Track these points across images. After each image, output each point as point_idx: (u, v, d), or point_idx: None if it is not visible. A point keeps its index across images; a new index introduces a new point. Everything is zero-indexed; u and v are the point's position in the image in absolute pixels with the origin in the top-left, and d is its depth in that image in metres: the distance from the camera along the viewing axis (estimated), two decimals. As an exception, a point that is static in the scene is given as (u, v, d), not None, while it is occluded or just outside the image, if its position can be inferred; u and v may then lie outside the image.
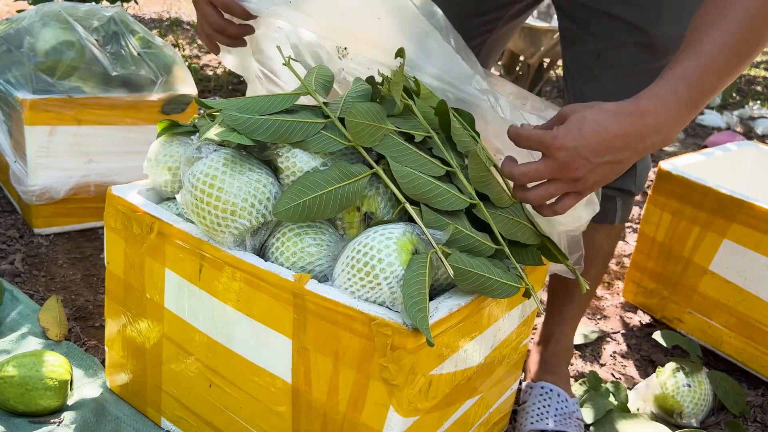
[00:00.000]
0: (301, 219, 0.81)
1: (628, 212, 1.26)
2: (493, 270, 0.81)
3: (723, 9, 0.78)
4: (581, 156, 0.73)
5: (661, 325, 1.66)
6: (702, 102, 0.78)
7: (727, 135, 3.55)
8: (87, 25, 1.71)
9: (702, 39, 0.77)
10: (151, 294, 0.98)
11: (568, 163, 0.73)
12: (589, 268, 1.24)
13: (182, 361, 0.98)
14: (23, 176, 1.64)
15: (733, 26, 0.77)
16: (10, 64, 1.63)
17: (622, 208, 1.23)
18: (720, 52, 0.76)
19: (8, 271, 1.51)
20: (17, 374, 1.03)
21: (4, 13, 4.69)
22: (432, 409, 0.83)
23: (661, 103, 0.75)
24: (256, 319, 0.86)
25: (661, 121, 0.75)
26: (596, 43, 1.08)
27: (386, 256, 0.77)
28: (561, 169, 0.74)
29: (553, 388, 1.24)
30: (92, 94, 1.65)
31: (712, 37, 0.77)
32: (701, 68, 0.76)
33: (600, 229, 1.23)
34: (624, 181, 1.18)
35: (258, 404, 0.90)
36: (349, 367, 0.79)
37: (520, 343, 1.06)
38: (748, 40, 0.77)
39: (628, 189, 1.20)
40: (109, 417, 1.07)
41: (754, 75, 7.12)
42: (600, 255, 1.26)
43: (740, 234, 1.45)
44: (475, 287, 0.80)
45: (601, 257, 1.27)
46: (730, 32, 0.77)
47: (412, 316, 0.72)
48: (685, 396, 1.29)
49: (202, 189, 0.83)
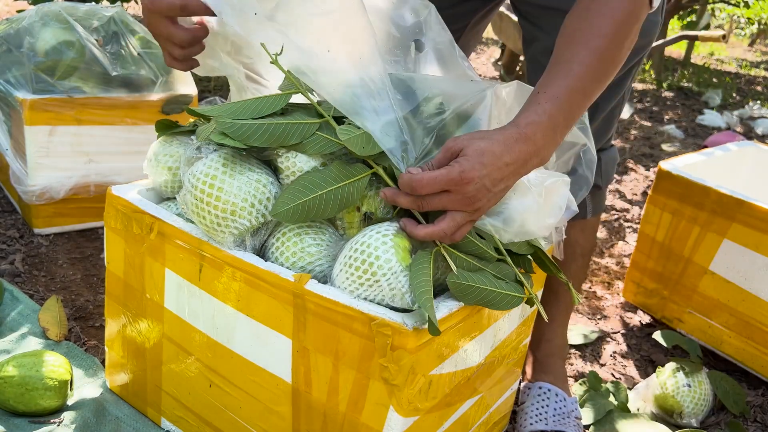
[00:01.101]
0: (301, 219, 0.81)
1: (600, 204, 1.27)
2: (495, 282, 0.80)
3: (589, 26, 0.81)
4: (485, 187, 0.75)
5: (661, 325, 1.66)
6: (572, 122, 0.81)
7: (727, 135, 3.55)
8: (87, 25, 1.71)
9: (571, 59, 0.80)
10: (151, 294, 0.98)
11: (475, 196, 0.75)
12: (570, 265, 1.26)
13: (182, 361, 0.98)
14: (23, 176, 1.64)
15: (600, 44, 0.80)
16: (10, 64, 1.63)
17: (592, 202, 1.25)
18: (587, 73, 0.80)
19: (8, 271, 1.51)
20: (17, 374, 1.03)
21: (4, 13, 4.69)
22: (432, 409, 0.83)
23: (539, 128, 0.78)
24: (256, 319, 0.86)
25: (539, 145, 0.78)
26: (548, 39, 1.09)
27: (383, 253, 0.77)
28: (468, 202, 0.75)
29: (551, 388, 1.24)
30: (92, 94, 1.65)
31: (581, 57, 0.80)
32: (571, 89, 0.79)
33: (574, 225, 1.24)
34: None
35: (258, 404, 0.90)
36: (349, 367, 0.79)
37: (520, 343, 1.06)
38: (611, 57, 0.81)
39: (595, 183, 1.21)
40: (109, 417, 1.07)
41: (754, 75, 7.12)
42: (578, 251, 1.27)
43: (740, 234, 1.45)
44: (478, 301, 0.79)
45: (580, 253, 1.28)
46: (597, 51, 0.80)
47: (422, 303, 0.73)
48: (685, 396, 1.29)
49: (202, 189, 0.83)
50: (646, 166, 3.20)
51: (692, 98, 5.20)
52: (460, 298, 0.79)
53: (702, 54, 9.32)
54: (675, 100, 5.08)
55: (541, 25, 1.12)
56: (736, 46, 12.16)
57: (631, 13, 0.82)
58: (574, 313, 1.72)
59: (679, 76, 6.28)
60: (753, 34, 12.72)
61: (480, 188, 0.75)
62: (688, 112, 4.67)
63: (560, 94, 0.79)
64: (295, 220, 0.82)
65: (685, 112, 4.66)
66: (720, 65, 8.20)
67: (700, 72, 6.71)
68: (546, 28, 1.11)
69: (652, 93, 5.23)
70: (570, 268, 1.27)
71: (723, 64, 8.37)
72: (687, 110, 4.72)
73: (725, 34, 3.65)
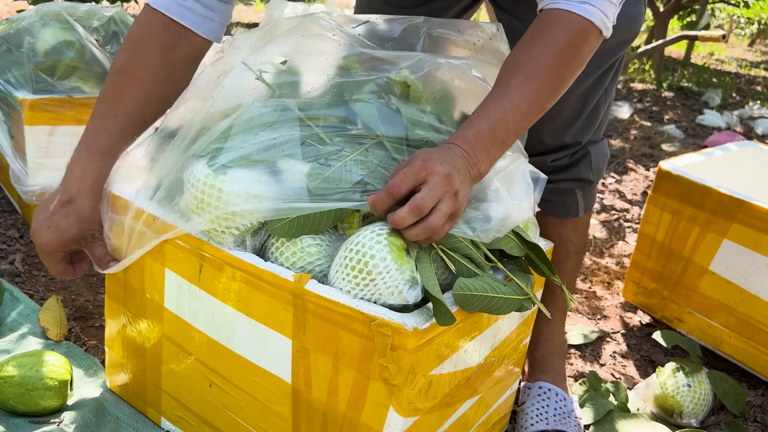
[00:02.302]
0: (296, 235, 0.83)
1: (591, 201, 1.28)
2: (497, 287, 0.80)
3: (528, 54, 0.86)
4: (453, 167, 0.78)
5: (661, 325, 1.66)
6: (509, 140, 0.85)
7: (727, 135, 3.55)
8: (87, 25, 1.71)
9: (509, 82, 0.85)
10: (151, 294, 0.98)
11: (449, 175, 0.77)
12: (564, 263, 1.26)
13: (182, 361, 0.98)
14: (23, 176, 1.64)
15: (538, 71, 0.85)
16: (10, 64, 1.63)
17: (583, 199, 1.25)
18: (523, 96, 0.84)
19: (8, 271, 1.51)
20: (17, 374, 1.03)
21: (4, 13, 4.69)
22: (432, 409, 0.83)
23: (465, 141, 0.82)
24: (256, 319, 0.86)
25: (469, 156, 0.81)
26: None
27: (378, 252, 0.77)
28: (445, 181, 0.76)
29: (551, 388, 1.24)
30: (92, 94, 1.65)
31: (517, 81, 0.84)
32: (505, 110, 0.83)
33: (566, 224, 1.25)
34: (580, 170, 1.21)
35: (258, 404, 0.90)
36: (349, 367, 0.79)
37: (520, 343, 1.06)
38: (550, 84, 0.86)
39: (586, 178, 1.22)
40: (109, 417, 1.07)
41: (754, 75, 7.12)
42: (572, 249, 1.28)
43: (740, 234, 1.45)
44: (481, 308, 0.79)
45: (574, 251, 1.28)
46: (535, 77, 0.84)
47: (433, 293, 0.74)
48: (685, 396, 1.29)
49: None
50: (646, 166, 3.20)
51: (692, 98, 5.20)
52: (463, 307, 0.79)
53: (702, 54, 9.32)
54: (675, 100, 5.08)
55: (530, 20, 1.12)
56: (736, 46, 12.16)
57: (573, 44, 0.87)
58: (574, 313, 1.72)
59: (679, 76, 6.28)
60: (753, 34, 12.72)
61: (448, 169, 0.77)
62: (688, 112, 4.67)
63: (492, 113, 0.83)
64: (291, 235, 0.84)
65: (685, 112, 4.66)
66: (720, 65, 8.20)
67: (700, 72, 6.71)
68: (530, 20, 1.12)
69: (652, 93, 5.23)
70: (565, 267, 1.27)
71: (723, 64, 8.37)
72: (687, 110, 4.72)
73: (725, 34, 3.65)
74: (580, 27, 0.86)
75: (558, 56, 0.85)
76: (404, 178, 0.76)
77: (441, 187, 0.76)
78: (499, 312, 0.81)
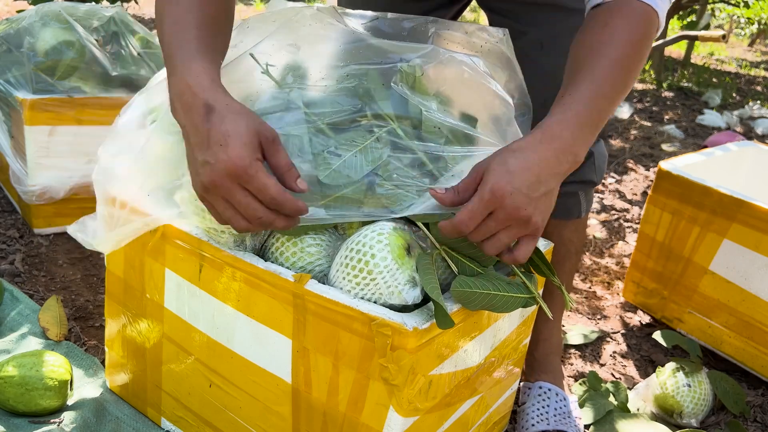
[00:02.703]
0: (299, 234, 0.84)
1: (590, 202, 1.29)
2: (498, 285, 0.80)
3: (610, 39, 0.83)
4: (523, 194, 0.73)
5: (661, 325, 1.66)
6: (599, 124, 0.81)
7: (727, 135, 3.55)
8: (87, 25, 1.71)
9: (593, 66, 0.82)
10: (151, 294, 0.98)
11: (517, 207, 0.73)
12: (564, 264, 1.27)
13: (182, 361, 0.98)
14: (23, 176, 1.64)
15: (620, 53, 0.83)
16: (10, 64, 1.63)
17: (585, 200, 1.26)
18: (609, 80, 0.81)
19: (8, 271, 1.51)
20: (17, 374, 1.03)
21: (4, 13, 4.69)
22: (432, 409, 0.83)
23: (566, 125, 0.77)
24: (256, 319, 0.86)
25: (568, 143, 0.77)
26: (537, 33, 1.10)
27: (378, 252, 0.77)
28: (513, 216, 0.73)
29: (552, 388, 1.24)
30: (92, 94, 1.65)
31: (603, 64, 0.82)
32: (595, 93, 0.80)
33: (567, 225, 1.25)
34: (584, 173, 1.21)
35: (258, 404, 0.90)
36: (349, 367, 0.79)
37: (520, 343, 1.06)
38: (630, 67, 0.84)
39: (590, 179, 1.22)
40: (109, 417, 1.07)
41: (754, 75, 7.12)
42: (572, 249, 1.29)
43: (740, 234, 1.45)
44: (483, 306, 0.79)
45: (573, 251, 1.29)
46: (618, 61, 0.82)
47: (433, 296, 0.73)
48: (685, 396, 1.29)
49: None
50: (646, 166, 3.20)
51: (692, 98, 5.20)
52: (464, 305, 0.79)
53: (702, 54, 9.32)
54: (675, 100, 5.08)
55: (529, 20, 1.13)
56: (736, 46, 12.16)
57: (646, 31, 0.85)
58: (574, 313, 1.72)
59: (679, 76, 6.28)
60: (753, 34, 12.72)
61: (517, 197, 0.73)
62: (688, 112, 4.67)
63: (584, 97, 0.79)
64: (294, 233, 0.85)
65: (685, 112, 4.66)
66: (720, 65, 8.20)
67: (700, 72, 6.71)
68: (534, 22, 1.12)
69: (652, 93, 5.23)
70: (564, 267, 1.28)
71: (723, 64, 8.37)
72: (687, 110, 4.72)
73: (725, 34, 3.65)
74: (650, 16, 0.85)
75: (636, 42, 0.83)
76: (472, 215, 0.73)
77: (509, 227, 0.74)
78: (503, 310, 0.81)
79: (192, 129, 0.73)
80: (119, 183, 0.93)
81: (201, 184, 0.72)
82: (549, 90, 1.06)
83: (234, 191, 0.71)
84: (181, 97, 0.74)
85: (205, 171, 0.70)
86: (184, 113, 0.73)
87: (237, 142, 0.69)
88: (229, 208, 0.73)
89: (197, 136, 0.72)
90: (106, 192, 0.94)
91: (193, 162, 0.73)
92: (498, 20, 1.17)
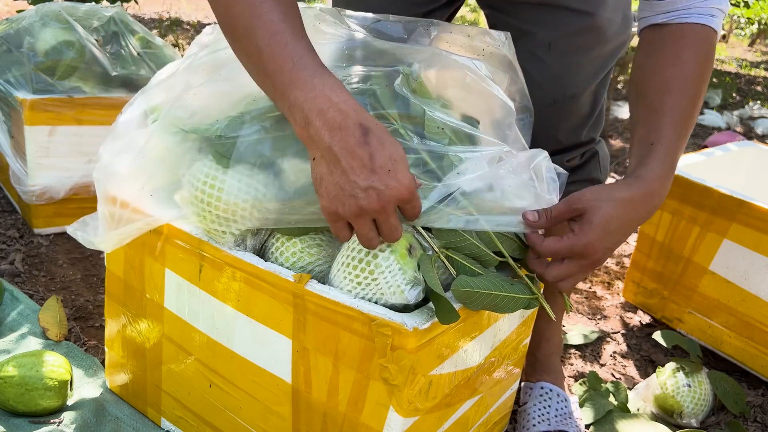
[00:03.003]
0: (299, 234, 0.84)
1: None
2: (500, 285, 0.80)
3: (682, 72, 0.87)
4: (609, 251, 0.79)
5: (661, 325, 1.66)
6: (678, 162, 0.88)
7: (727, 135, 3.55)
8: (87, 25, 1.71)
9: (674, 108, 0.86)
10: (151, 294, 0.98)
11: (599, 260, 0.79)
12: None
13: (182, 361, 0.98)
14: (23, 176, 1.64)
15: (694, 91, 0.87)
16: (10, 64, 1.63)
17: None
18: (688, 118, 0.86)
19: (8, 271, 1.51)
20: (17, 374, 1.03)
21: (4, 13, 4.70)
22: (432, 409, 0.83)
23: (666, 183, 0.83)
24: (256, 319, 0.86)
25: (662, 197, 0.82)
26: (545, 33, 1.10)
27: (380, 251, 0.77)
28: (588, 267, 0.79)
29: (553, 388, 1.24)
30: (92, 94, 1.65)
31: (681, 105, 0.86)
32: (681, 138, 0.85)
33: None
34: (590, 171, 1.22)
35: (258, 404, 0.90)
36: (349, 367, 0.79)
37: (520, 343, 1.06)
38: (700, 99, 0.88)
39: (596, 178, 1.23)
40: (109, 417, 1.07)
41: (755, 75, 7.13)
42: None
43: (740, 234, 1.45)
44: (485, 306, 0.79)
45: None
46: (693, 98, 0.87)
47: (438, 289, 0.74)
48: (685, 396, 1.29)
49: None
50: (646, 166, 3.19)
51: (692, 98, 5.19)
52: (466, 305, 0.79)
53: (702, 54, 9.30)
54: (675, 100, 5.07)
55: (536, 20, 1.12)
56: (736, 46, 12.15)
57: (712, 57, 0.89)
58: (574, 313, 1.72)
59: (679, 76, 6.26)
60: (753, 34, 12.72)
61: (604, 255, 0.78)
62: (688, 112, 4.66)
63: (673, 144, 0.84)
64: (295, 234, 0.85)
65: (685, 112, 4.65)
66: (720, 65, 8.20)
67: (700, 72, 6.70)
68: (541, 22, 1.11)
69: (652, 93, 5.23)
70: None
71: (723, 64, 8.37)
72: (687, 110, 4.71)
73: (725, 34, 3.64)
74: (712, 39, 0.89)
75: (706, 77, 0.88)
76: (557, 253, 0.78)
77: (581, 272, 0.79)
78: (505, 311, 0.80)
79: (344, 151, 0.68)
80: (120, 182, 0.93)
81: (359, 208, 0.69)
82: (556, 90, 1.07)
83: (392, 215, 0.70)
84: (324, 114, 0.68)
85: (370, 196, 0.68)
86: (331, 133, 0.68)
87: (403, 168, 0.68)
88: (373, 229, 0.72)
89: (354, 159, 0.68)
90: (107, 191, 0.94)
91: (346, 186, 0.68)
92: (499, 18, 1.16)
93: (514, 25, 1.14)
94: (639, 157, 0.84)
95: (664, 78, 0.87)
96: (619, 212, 0.78)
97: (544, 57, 1.11)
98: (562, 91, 0.89)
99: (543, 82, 1.06)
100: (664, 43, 0.89)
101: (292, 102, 0.71)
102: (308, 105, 0.69)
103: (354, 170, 0.68)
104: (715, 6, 0.88)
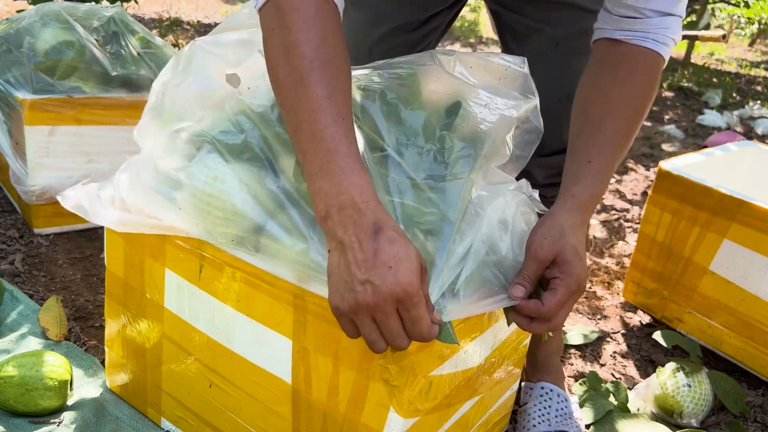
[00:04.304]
0: None
1: None
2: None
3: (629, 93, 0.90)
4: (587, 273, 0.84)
5: (661, 325, 1.66)
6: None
7: (727, 135, 3.55)
8: (87, 25, 1.71)
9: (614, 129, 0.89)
10: (151, 294, 0.98)
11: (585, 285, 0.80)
12: None
13: (182, 362, 0.98)
14: (23, 176, 1.64)
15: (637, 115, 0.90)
16: (10, 64, 1.63)
17: None
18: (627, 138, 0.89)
19: (8, 271, 1.51)
20: (17, 374, 1.03)
21: (4, 13, 4.69)
22: (432, 409, 0.83)
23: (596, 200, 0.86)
24: (256, 319, 0.86)
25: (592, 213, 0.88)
26: (554, 30, 1.11)
27: None
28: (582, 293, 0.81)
29: (553, 389, 1.24)
30: (92, 94, 1.65)
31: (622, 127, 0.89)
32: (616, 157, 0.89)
33: None
34: None
35: (258, 404, 0.90)
36: (349, 367, 0.79)
37: (520, 344, 1.06)
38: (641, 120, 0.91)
39: None
40: (109, 417, 1.07)
41: (755, 75, 7.12)
42: None
43: (740, 234, 1.45)
44: None
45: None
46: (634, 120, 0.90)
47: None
48: (685, 396, 1.29)
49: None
50: (646, 166, 3.20)
51: (692, 98, 5.20)
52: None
53: (702, 54, 9.32)
54: (675, 100, 5.08)
55: (545, 18, 1.12)
56: (736, 46, 12.16)
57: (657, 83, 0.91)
58: (573, 313, 1.72)
59: (679, 76, 6.28)
60: (753, 34, 12.72)
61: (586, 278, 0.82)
62: (688, 112, 4.67)
63: (608, 164, 0.87)
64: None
65: (685, 112, 4.66)
66: (720, 65, 8.20)
67: (700, 72, 6.71)
68: (550, 21, 1.12)
69: (652, 93, 5.23)
70: None
71: (723, 64, 8.37)
72: (687, 110, 4.72)
73: (725, 34, 3.65)
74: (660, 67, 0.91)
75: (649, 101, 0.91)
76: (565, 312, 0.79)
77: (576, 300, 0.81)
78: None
79: (354, 245, 0.67)
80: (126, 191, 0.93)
81: (355, 302, 0.67)
82: (563, 88, 1.07)
83: (391, 316, 0.67)
84: (343, 211, 0.68)
85: (366, 291, 0.66)
86: (345, 228, 0.68)
87: (408, 268, 0.66)
88: (375, 331, 0.69)
89: (360, 253, 0.67)
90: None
91: (347, 279, 0.67)
92: (509, 16, 1.16)
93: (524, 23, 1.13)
94: (575, 174, 0.86)
95: (611, 97, 0.89)
96: (578, 237, 0.81)
97: (552, 55, 1.11)
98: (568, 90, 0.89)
99: (549, 81, 1.06)
100: (618, 61, 0.90)
101: (316, 190, 0.71)
102: (331, 200, 0.69)
103: (357, 263, 0.67)
104: (670, 36, 0.89)
